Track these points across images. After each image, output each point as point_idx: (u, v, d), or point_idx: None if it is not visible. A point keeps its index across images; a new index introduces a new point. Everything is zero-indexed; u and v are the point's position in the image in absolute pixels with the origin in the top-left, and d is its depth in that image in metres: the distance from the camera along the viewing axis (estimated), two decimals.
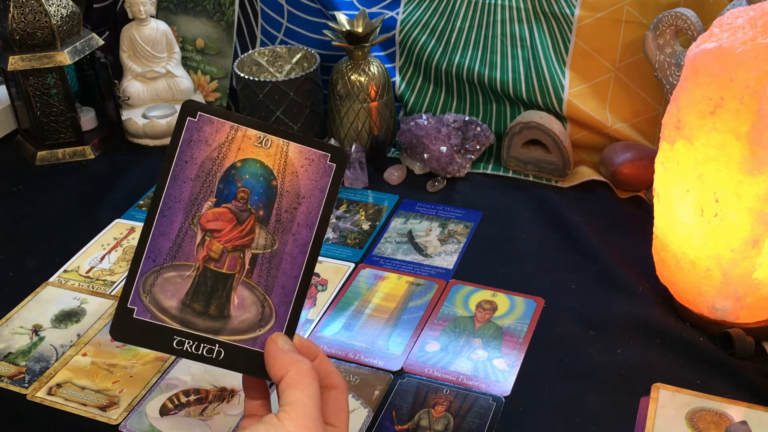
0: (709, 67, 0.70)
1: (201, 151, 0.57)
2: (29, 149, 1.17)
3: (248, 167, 0.58)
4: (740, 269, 0.74)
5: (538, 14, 1.08)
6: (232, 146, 0.57)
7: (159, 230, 0.57)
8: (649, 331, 0.80)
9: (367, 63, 1.09)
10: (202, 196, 0.57)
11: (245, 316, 0.57)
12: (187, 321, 0.57)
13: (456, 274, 0.90)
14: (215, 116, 0.57)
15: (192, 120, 0.57)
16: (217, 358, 0.57)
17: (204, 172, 0.57)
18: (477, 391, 0.75)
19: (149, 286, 0.57)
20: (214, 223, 0.57)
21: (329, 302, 0.87)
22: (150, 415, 0.74)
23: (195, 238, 0.57)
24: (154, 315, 0.57)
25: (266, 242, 0.58)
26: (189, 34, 1.24)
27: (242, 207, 0.58)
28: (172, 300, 0.57)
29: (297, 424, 0.52)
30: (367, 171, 1.06)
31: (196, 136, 0.57)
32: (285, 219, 0.58)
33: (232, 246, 0.58)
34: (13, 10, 1.07)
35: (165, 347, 0.57)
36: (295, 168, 0.58)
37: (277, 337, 0.57)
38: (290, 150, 0.58)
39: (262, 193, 0.58)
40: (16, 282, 0.91)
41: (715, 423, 0.70)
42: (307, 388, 0.54)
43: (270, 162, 0.58)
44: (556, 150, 1.04)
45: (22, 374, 0.79)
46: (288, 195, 0.58)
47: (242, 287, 0.58)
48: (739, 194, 0.71)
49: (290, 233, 0.58)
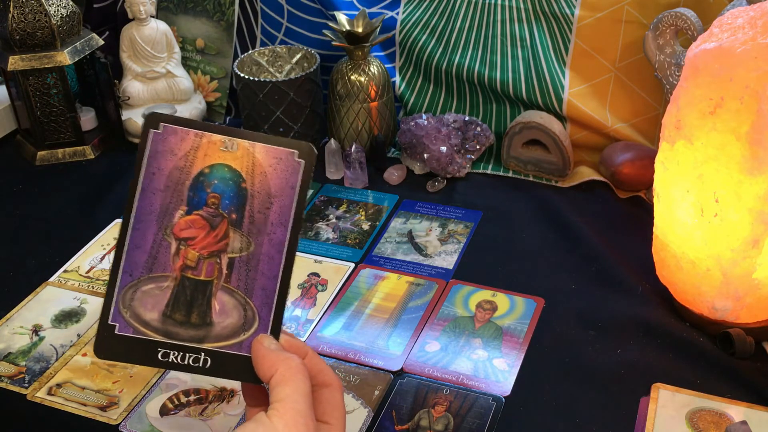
0: (709, 67, 0.70)
1: (168, 162, 0.57)
2: (29, 149, 1.17)
3: (216, 172, 0.58)
4: (740, 269, 0.74)
5: (538, 14, 1.08)
6: (198, 153, 0.57)
7: (133, 244, 0.57)
8: (649, 331, 0.80)
9: (367, 63, 1.09)
10: (173, 205, 0.57)
11: (228, 321, 0.57)
12: (169, 332, 0.57)
13: (456, 274, 0.90)
14: (179, 126, 0.57)
15: (156, 132, 0.57)
16: (204, 367, 0.57)
17: (173, 181, 0.57)
18: (477, 391, 0.75)
19: (128, 300, 0.57)
20: (188, 231, 0.57)
21: (329, 302, 0.87)
22: (150, 415, 0.74)
23: (170, 248, 0.57)
24: (136, 329, 0.56)
25: (242, 245, 0.58)
26: (189, 34, 1.24)
27: (214, 212, 0.57)
28: (152, 312, 0.57)
29: (286, 420, 0.52)
30: (367, 171, 1.06)
31: (162, 147, 0.57)
32: (258, 220, 0.58)
33: (208, 252, 0.57)
34: (13, 10, 1.07)
35: (150, 361, 0.57)
36: (264, 168, 0.58)
37: (263, 338, 0.57)
38: (257, 151, 0.58)
39: (232, 196, 0.58)
40: (16, 282, 0.91)
41: (715, 423, 0.70)
42: (297, 383, 0.53)
43: (238, 165, 0.58)
44: (556, 150, 1.04)
45: (22, 374, 0.79)
46: (259, 196, 0.58)
47: (222, 293, 0.57)
48: (739, 194, 0.71)
49: (265, 234, 0.58)
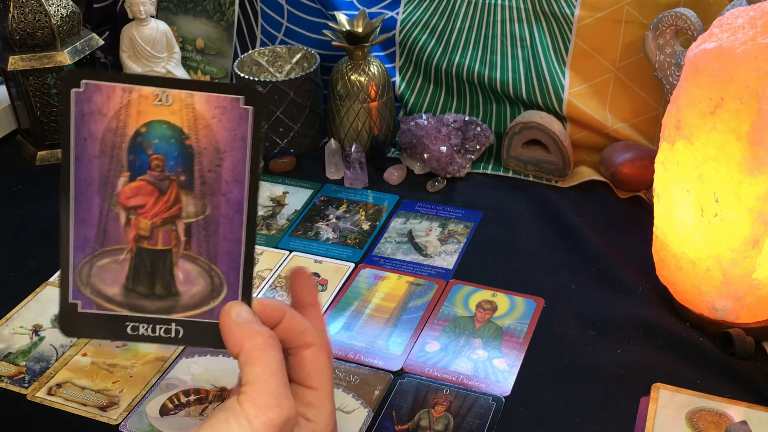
0: (709, 67, 0.70)
1: (98, 124, 0.52)
2: (29, 149, 1.17)
3: (155, 130, 0.52)
4: (740, 269, 0.74)
5: (538, 14, 1.08)
6: (131, 110, 0.52)
7: (79, 218, 0.53)
8: (649, 331, 0.80)
9: (367, 63, 1.09)
10: (113, 173, 0.52)
11: (195, 289, 0.53)
12: (135, 305, 0.53)
13: (456, 274, 0.90)
14: (103, 81, 0.51)
15: (78, 91, 0.51)
16: (176, 337, 0.54)
17: (108, 146, 0.52)
18: (477, 391, 0.75)
19: (86, 277, 0.53)
20: (135, 199, 0.53)
21: (329, 302, 0.87)
22: (150, 415, 0.74)
23: (118, 219, 0.53)
24: (100, 305, 0.53)
25: (197, 209, 0.53)
26: (189, 34, 1.24)
27: (160, 176, 0.53)
28: (114, 287, 0.53)
29: (258, 404, 0.49)
30: (367, 171, 1.06)
31: (87, 108, 0.51)
32: (210, 179, 0.53)
33: (161, 220, 0.53)
34: (13, 10, 1.07)
35: (120, 335, 0.54)
36: (207, 120, 0.52)
37: (230, 307, 0.53)
38: (196, 101, 0.52)
39: (177, 156, 0.52)
40: (16, 282, 0.91)
41: (715, 423, 0.70)
42: (266, 362, 0.50)
43: (177, 120, 0.52)
44: (556, 150, 1.04)
45: (22, 374, 0.79)
46: (207, 152, 0.52)
47: (184, 260, 0.53)
48: (739, 194, 0.71)
49: (220, 194, 0.53)
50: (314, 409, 0.53)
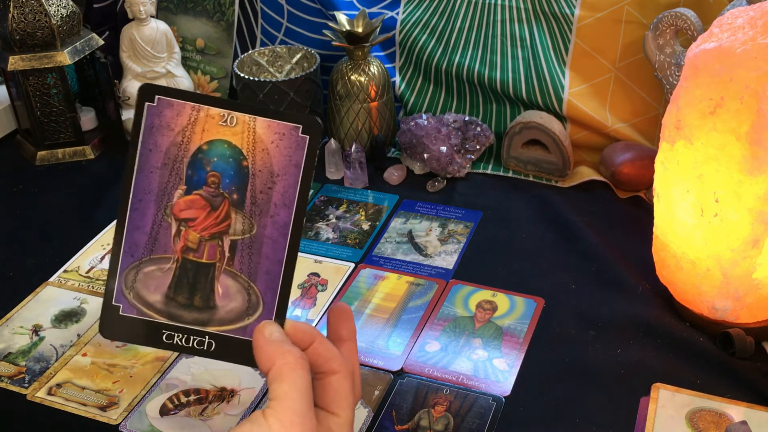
0: (709, 67, 0.70)
1: (164, 137, 0.55)
2: (29, 149, 1.17)
3: (216, 149, 0.55)
4: (740, 269, 0.74)
5: (538, 14, 1.08)
6: (196, 128, 0.55)
7: (133, 224, 0.55)
8: (649, 331, 0.80)
9: (367, 63, 1.09)
10: (171, 184, 0.55)
11: (232, 305, 0.56)
12: (173, 314, 0.55)
13: (456, 274, 0.90)
14: (175, 98, 0.54)
15: (151, 105, 0.54)
16: (208, 350, 0.56)
17: (170, 159, 0.55)
18: (477, 391, 0.75)
19: (131, 282, 0.55)
20: (188, 212, 0.55)
21: (329, 302, 0.87)
22: (150, 415, 0.74)
23: (170, 229, 0.55)
24: (140, 311, 0.55)
25: (244, 227, 0.55)
26: (189, 34, 1.24)
27: (214, 192, 0.55)
28: (155, 294, 0.55)
29: (282, 420, 0.50)
30: (367, 171, 1.06)
31: (158, 121, 0.55)
32: (261, 201, 0.55)
33: (209, 234, 0.55)
34: (13, 10, 1.07)
35: (154, 342, 0.56)
36: (266, 145, 0.55)
37: (264, 326, 0.54)
38: (258, 126, 0.55)
39: (233, 175, 0.55)
40: (16, 282, 0.91)
41: (715, 423, 0.70)
42: (294, 380, 0.51)
43: (238, 141, 0.55)
44: (556, 150, 1.04)
45: (22, 374, 0.79)
46: (261, 175, 0.55)
47: (225, 276, 0.56)
48: (739, 194, 0.71)
49: (268, 215, 0.55)
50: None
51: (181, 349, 0.56)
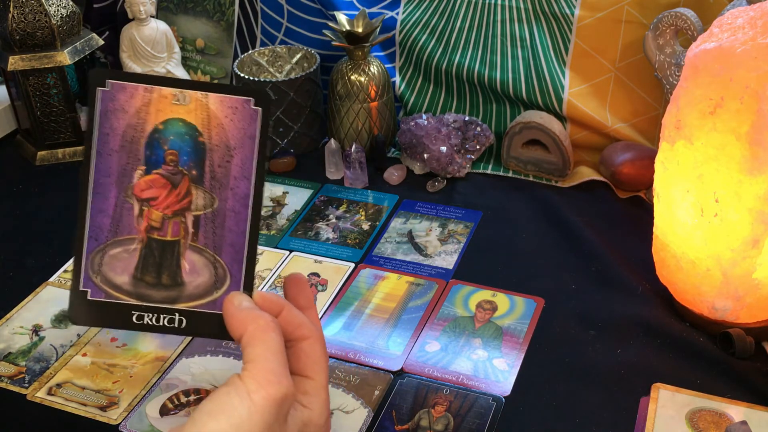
0: (709, 67, 0.70)
1: (120, 120, 0.56)
2: (29, 149, 1.17)
3: (171, 128, 0.56)
4: (740, 269, 0.74)
5: (538, 14, 1.08)
6: (150, 109, 0.56)
7: (96, 208, 0.56)
8: (649, 331, 0.80)
9: (367, 63, 1.09)
10: (130, 166, 0.56)
11: (199, 280, 0.56)
12: (142, 294, 0.56)
13: (456, 274, 0.90)
14: (126, 81, 0.55)
15: (103, 90, 0.55)
16: (179, 327, 0.56)
17: (127, 141, 0.56)
18: (477, 391, 0.75)
19: (97, 265, 0.56)
20: (149, 191, 0.56)
21: (329, 302, 0.87)
22: (150, 415, 0.74)
23: (132, 210, 0.56)
24: (108, 294, 0.56)
25: (205, 202, 0.56)
26: (189, 34, 1.24)
27: (173, 170, 0.56)
28: (123, 276, 0.56)
29: (258, 379, 0.51)
30: (367, 171, 1.06)
31: (111, 105, 0.55)
32: (220, 174, 0.56)
33: (172, 212, 0.56)
34: (13, 10, 1.07)
35: (125, 324, 0.56)
36: (220, 120, 0.56)
37: (233, 296, 0.56)
38: (210, 102, 0.56)
39: (190, 152, 0.56)
40: (16, 282, 0.91)
41: (715, 423, 0.70)
42: (267, 342, 0.52)
43: (192, 118, 0.56)
44: (556, 150, 1.04)
45: (22, 374, 0.79)
46: (218, 149, 0.56)
47: (190, 252, 0.56)
48: (739, 194, 0.71)
49: (228, 188, 0.56)
50: (310, 398, 0.56)
51: (152, 328, 0.56)
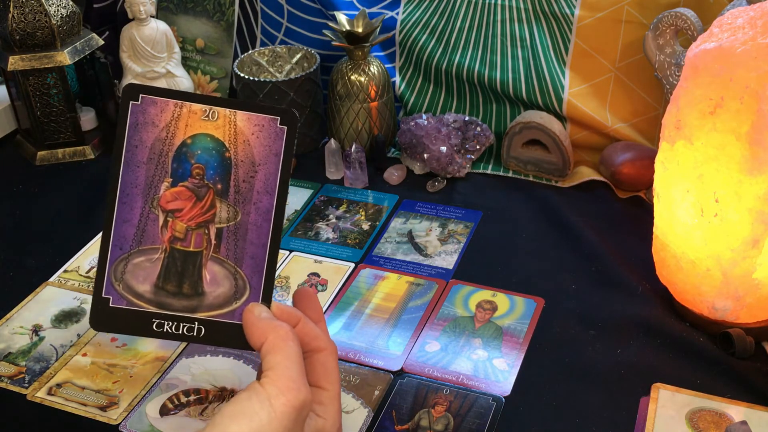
0: (709, 67, 0.70)
1: (149, 133, 0.57)
2: (29, 149, 1.17)
3: (199, 142, 0.58)
4: (740, 269, 0.74)
5: (538, 14, 1.08)
6: (179, 123, 0.57)
7: (121, 218, 0.57)
8: (649, 331, 0.80)
9: (367, 63, 1.09)
10: (157, 178, 0.58)
11: (219, 290, 0.58)
12: (162, 303, 0.57)
13: (456, 274, 0.90)
14: (158, 96, 0.57)
15: (135, 103, 0.57)
16: (198, 336, 0.58)
17: (155, 153, 0.57)
18: (477, 391, 0.75)
19: (120, 273, 0.57)
20: (174, 203, 0.58)
21: (329, 302, 0.87)
22: (150, 415, 0.74)
23: (157, 220, 0.58)
24: (129, 301, 0.57)
25: (229, 215, 0.58)
26: (189, 34, 1.24)
27: (199, 183, 0.58)
28: (145, 284, 0.57)
29: (278, 386, 0.52)
30: (367, 171, 1.06)
31: (142, 118, 0.57)
32: (244, 189, 0.58)
33: (196, 223, 0.58)
34: (13, 10, 1.07)
35: (145, 331, 0.57)
36: (246, 136, 0.58)
37: (253, 306, 0.57)
38: (238, 119, 0.58)
39: (216, 166, 0.58)
40: (16, 282, 0.91)
41: (715, 423, 0.70)
42: (286, 350, 0.54)
43: (220, 134, 0.58)
44: (556, 150, 1.04)
45: (22, 374, 0.79)
46: (243, 164, 0.58)
47: (212, 263, 0.58)
48: (739, 194, 0.71)
49: (251, 202, 0.58)
50: (325, 407, 0.58)
51: (171, 336, 0.58)
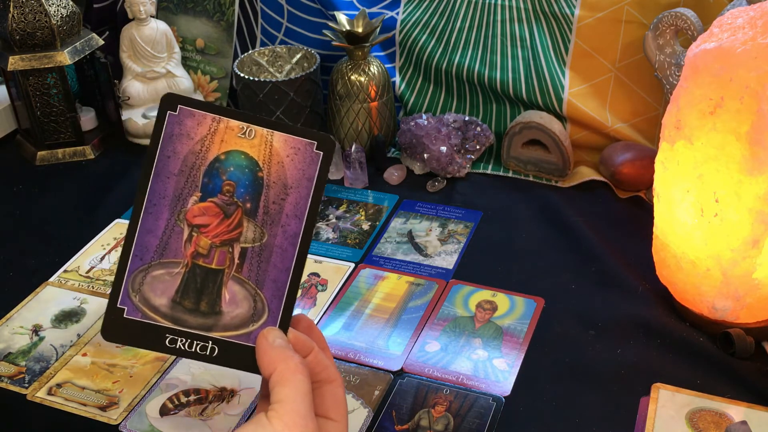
0: (709, 67, 0.70)
1: (183, 145, 0.56)
2: (29, 149, 1.17)
3: (232, 159, 0.56)
4: (740, 269, 0.74)
5: (538, 14, 1.08)
6: (215, 138, 0.56)
7: (145, 228, 0.56)
8: (649, 331, 0.80)
9: (367, 63, 1.09)
10: (186, 191, 0.56)
11: (237, 311, 0.56)
12: (178, 319, 0.56)
13: (456, 274, 0.90)
14: (196, 108, 0.56)
15: (172, 114, 0.56)
16: (210, 355, 0.56)
17: (187, 166, 0.56)
18: (477, 391, 0.75)
19: (138, 285, 0.56)
20: (201, 218, 0.56)
21: (329, 302, 0.87)
22: (150, 415, 0.74)
23: (182, 234, 0.56)
24: (144, 314, 0.56)
25: (255, 235, 0.57)
26: (189, 34, 1.24)
27: (228, 200, 0.56)
28: (162, 298, 0.56)
29: (285, 421, 0.51)
30: (367, 171, 1.06)
31: (178, 129, 0.56)
32: (273, 211, 0.57)
33: (220, 241, 0.56)
34: (13, 10, 1.07)
35: (157, 346, 0.56)
36: (281, 158, 0.57)
37: (268, 332, 0.56)
38: (275, 139, 0.57)
39: (248, 185, 0.56)
40: (16, 282, 0.91)
41: (715, 423, 0.70)
42: (296, 384, 0.53)
43: (255, 153, 0.56)
44: (556, 150, 1.04)
45: (22, 374, 0.79)
46: (275, 186, 0.57)
47: (233, 282, 0.57)
48: (739, 194, 0.71)
49: (279, 225, 0.57)
50: None
51: (183, 353, 0.56)
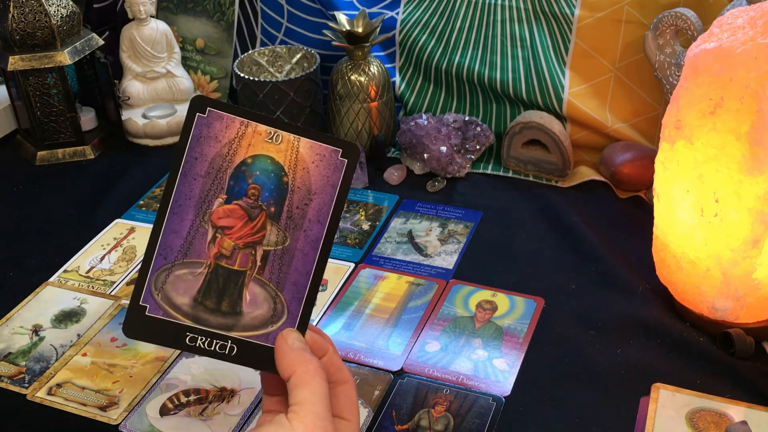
0: (709, 67, 0.70)
1: (211, 148, 0.57)
2: (29, 149, 1.17)
3: (259, 163, 0.58)
4: (740, 269, 0.74)
5: (538, 14, 1.08)
6: (243, 142, 0.57)
7: (170, 228, 0.57)
8: (649, 331, 0.80)
9: (367, 63, 1.09)
10: (212, 193, 0.57)
11: (257, 312, 0.58)
12: (199, 318, 0.57)
13: (456, 274, 0.90)
14: (225, 112, 0.57)
15: (201, 116, 0.57)
16: (229, 354, 0.58)
17: (214, 168, 0.57)
18: (477, 391, 0.75)
19: (161, 283, 0.57)
20: (225, 220, 0.58)
21: (329, 302, 0.87)
22: (150, 415, 0.74)
23: (206, 235, 0.57)
24: (166, 312, 0.57)
25: (277, 239, 0.58)
26: (189, 34, 1.24)
27: (253, 204, 0.58)
28: (184, 297, 0.57)
29: (306, 423, 0.53)
30: (367, 171, 1.06)
31: (206, 132, 0.57)
32: (296, 215, 0.58)
33: (244, 243, 0.58)
34: (13, 10, 1.07)
35: (177, 344, 0.57)
36: (306, 164, 0.58)
37: (287, 333, 0.57)
38: (301, 145, 0.58)
39: (273, 189, 0.58)
40: (16, 282, 0.91)
41: (715, 423, 0.70)
42: (315, 386, 0.54)
43: (281, 158, 0.58)
44: (556, 150, 1.04)
45: (22, 374, 0.79)
46: (299, 191, 0.58)
47: (254, 284, 0.58)
48: (739, 194, 0.71)
49: (301, 229, 0.58)
50: None
51: (202, 352, 0.57)
